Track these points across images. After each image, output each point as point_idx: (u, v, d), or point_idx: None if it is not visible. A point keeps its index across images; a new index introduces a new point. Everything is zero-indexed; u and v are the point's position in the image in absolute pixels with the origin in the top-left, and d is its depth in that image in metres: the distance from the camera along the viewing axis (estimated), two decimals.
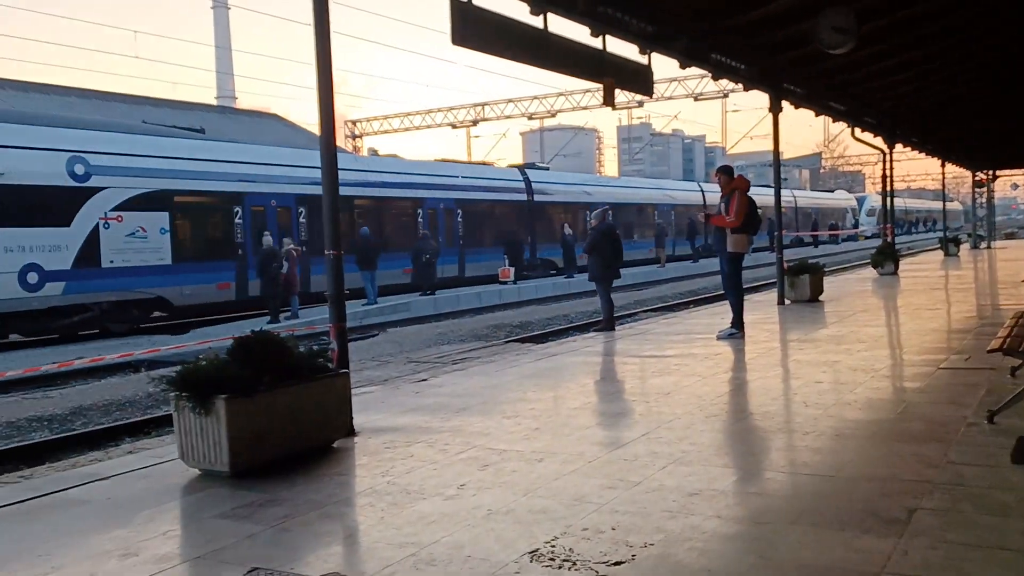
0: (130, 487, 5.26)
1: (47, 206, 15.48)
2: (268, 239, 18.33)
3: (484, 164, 33.65)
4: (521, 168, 32.70)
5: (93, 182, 16.26)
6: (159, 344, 15.03)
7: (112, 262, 16.39)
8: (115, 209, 16.55)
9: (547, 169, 35.54)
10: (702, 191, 43.33)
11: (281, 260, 18.10)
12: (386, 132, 45.01)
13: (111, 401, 10.48)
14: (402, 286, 23.33)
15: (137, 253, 16.75)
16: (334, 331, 6.37)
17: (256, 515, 4.51)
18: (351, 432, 6.25)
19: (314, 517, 4.48)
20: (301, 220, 20.83)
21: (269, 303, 18.17)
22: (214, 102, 66.01)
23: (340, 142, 42.05)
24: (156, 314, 18.65)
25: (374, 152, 43.11)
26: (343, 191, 26.92)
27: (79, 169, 16.13)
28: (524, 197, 30.35)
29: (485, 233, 28.51)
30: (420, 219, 25.24)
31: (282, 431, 5.56)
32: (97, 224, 16.28)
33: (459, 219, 27.09)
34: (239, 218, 19.10)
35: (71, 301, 15.74)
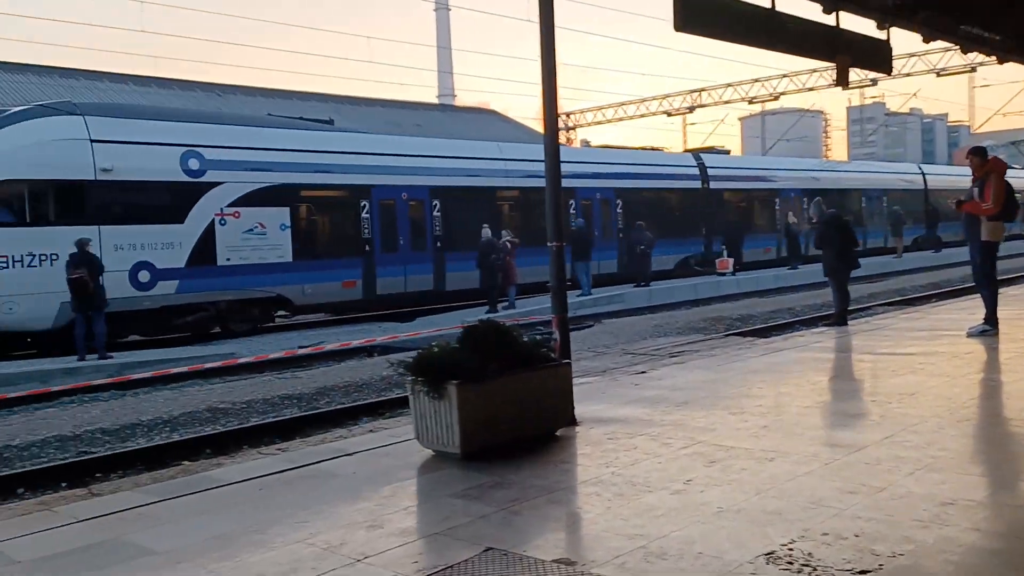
0: (373, 464, 5.63)
1: (159, 203, 15.12)
2: (487, 231, 18.97)
3: (654, 150, 31.05)
4: (695, 153, 30.34)
5: (208, 177, 15.63)
6: (390, 331, 16.04)
7: (228, 260, 15.72)
8: (231, 205, 15.83)
9: (726, 153, 33.30)
10: (923, 174, 39.05)
11: (499, 251, 18.68)
12: (599, 123, 45.14)
13: (350, 383, 11.30)
14: (601, 277, 22.63)
15: (255, 250, 15.93)
16: (556, 322, 6.47)
17: (486, 496, 4.68)
18: (573, 421, 6.33)
19: (542, 502, 4.58)
20: (435, 214, 19.40)
21: (488, 293, 18.84)
22: (435, 101, 69.31)
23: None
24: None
25: (586, 144, 43.43)
26: (497, 181, 22.08)
27: (194, 164, 15.51)
28: (698, 184, 27.62)
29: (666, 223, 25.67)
30: (573, 209, 22.90)
31: (508, 417, 5.73)
32: (212, 221, 15.62)
33: (619, 209, 24.71)
34: (366, 212, 17.92)
35: (184, 300, 15.15)
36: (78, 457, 7.88)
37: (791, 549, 3.63)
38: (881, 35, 9.78)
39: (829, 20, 8.97)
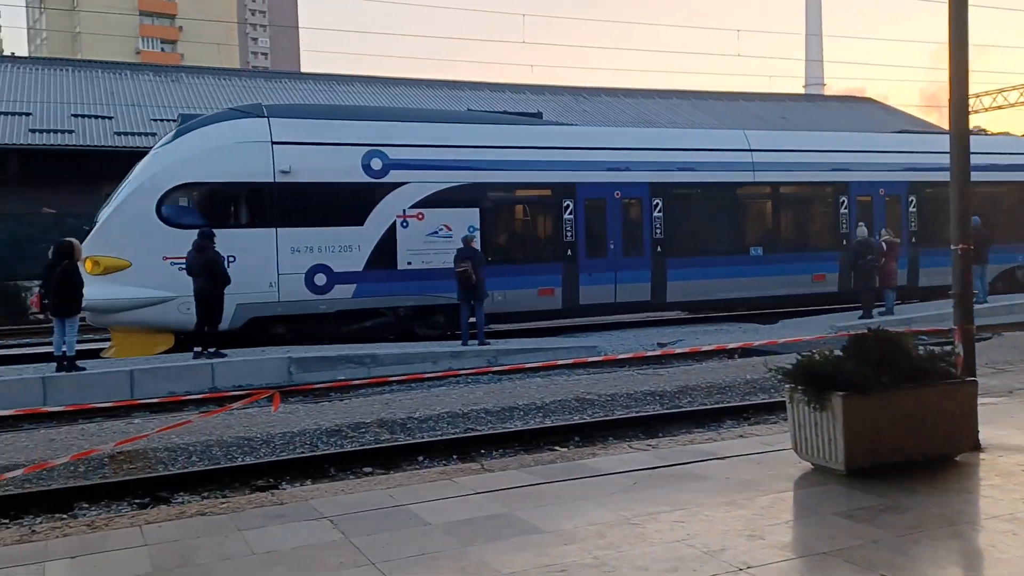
0: (745, 470, 5.49)
1: (338, 204, 14.69)
2: (863, 230, 17.60)
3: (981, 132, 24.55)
4: None
5: (390, 177, 15.00)
6: (751, 333, 15.59)
7: (410, 264, 14.98)
8: (415, 206, 15.05)
9: None
10: None
11: (876, 252, 17.25)
12: (999, 108, 39.73)
13: (712, 384, 11.17)
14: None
15: (439, 254, 14.92)
16: (960, 334, 5.79)
17: (878, 520, 4.32)
18: (976, 447, 5.63)
19: (943, 534, 4.12)
20: (656, 215, 17.15)
21: (862, 296, 17.48)
22: (801, 90, 66.06)
23: (938, 121, 38.46)
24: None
25: (981, 131, 38.38)
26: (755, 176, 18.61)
27: (376, 164, 14.93)
28: None
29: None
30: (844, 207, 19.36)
31: (898, 435, 5.25)
32: (394, 223, 14.92)
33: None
34: (569, 213, 16.47)
35: (361, 305, 14.55)
36: (466, 433, 8.73)
37: None
38: None
39: None
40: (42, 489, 6.92)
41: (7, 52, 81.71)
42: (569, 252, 16.38)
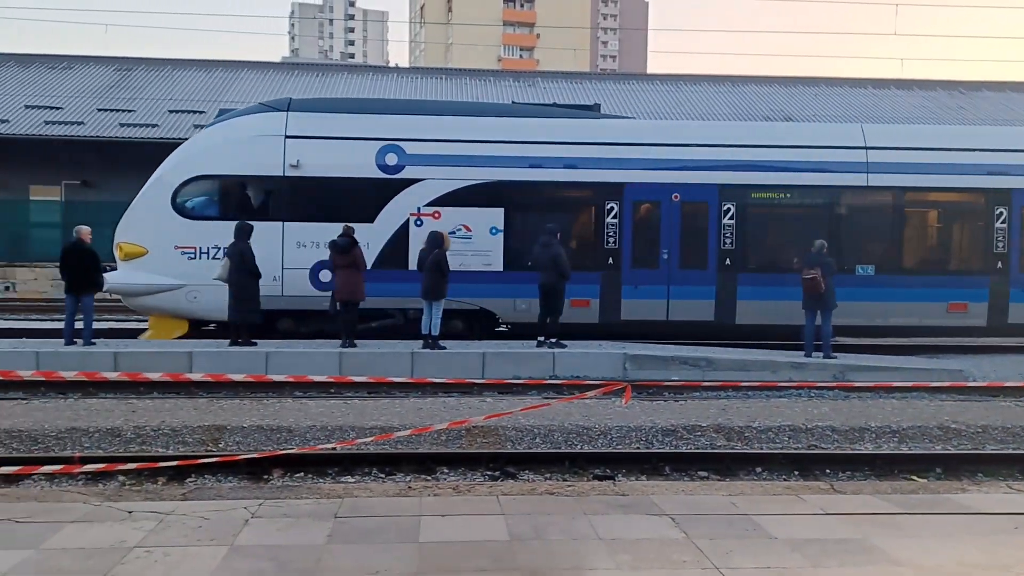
0: None
1: (347, 200, 14.18)
2: None
3: None
4: None
5: (405, 173, 14.34)
6: None
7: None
8: (430, 204, 14.31)
9: None
10: None
11: None
12: None
13: None
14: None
15: (457, 256, 13.90)
16: None
17: None
18: None
19: None
20: (727, 221, 14.82)
21: None
22: None
23: None
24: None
25: None
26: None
27: (391, 159, 14.36)
28: None
29: None
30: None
31: None
32: (407, 221, 14.28)
33: None
34: (613, 216, 14.70)
35: (368, 304, 13.71)
36: (810, 449, 8.29)
37: None
38: None
39: None
40: (412, 451, 7.77)
41: (392, 63, 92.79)
42: (611, 260, 14.74)
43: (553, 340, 12.96)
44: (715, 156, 15.04)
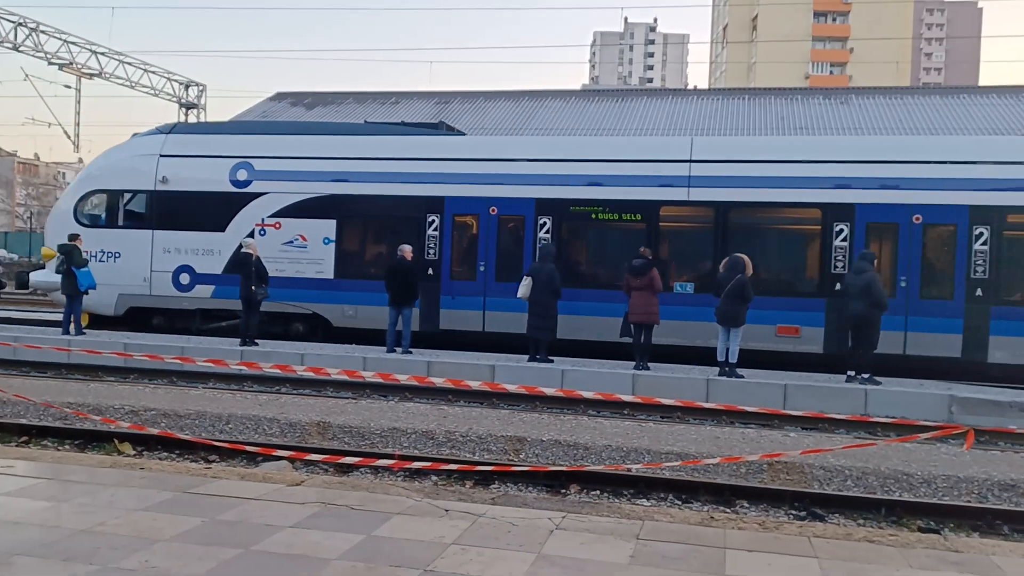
0: None
1: (205, 211, 15.69)
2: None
3: None
4: None
5: (253, 188, 15.61)
6: None
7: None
8: (273, 216, 15.49)
9: None
10: None
11: None
12: None
13: None
14: None
15: (293, 263, 15.32)
16: None
17: None
18: None
19: None
20: (543, 234, 14.62)
21: None
22: None
23: None
24: None
25: None
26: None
27: (241, 175, 15.71)
28: None
29: None
30: None
31: None
32: (253, 231, 15.48)
33: None
34: (434, 229, 15.10)
35: (219, 305, 15.48)
36: None
37: None
38: None
39: None
40: (710, 481, 7.55)
41: (691, 85, 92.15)
42: (431, 271, 15.12)
43: (866, 376, 12.00)
44: (532, 171, 15.05)
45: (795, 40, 71.17)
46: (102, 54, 30.31)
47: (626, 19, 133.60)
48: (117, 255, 15.95)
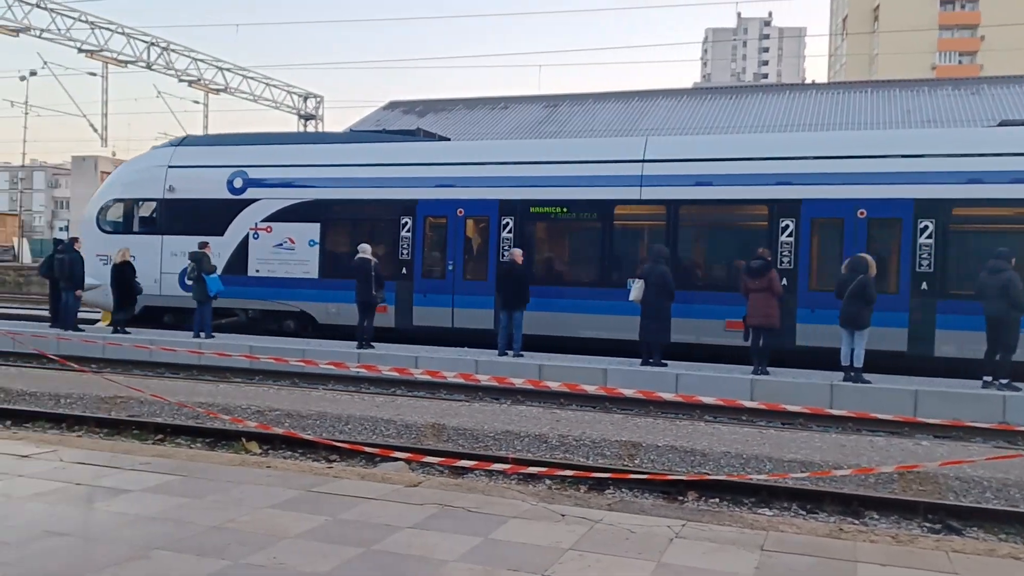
0: None
1: (206, 217, 16.80)
2: None
3: None
4: None
5: (247, 194, 16.80)
6: None
7: (258, 271, 16.61)
8: (265, 220, 16.63)
9: None
10: None
11: None
12: None
13: None
14: None
15: (283, 264, 16.40)
16: None
17: None
18: None
19: None
20: (506, 234, 15.19)
21: None
22: None
23: None
24: None
25: None
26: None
27: (237, 183, 16.89)
28: None
29: None
30: None
31: None
32: (247, 235, 16.70)
33: None
34: (407, 230, 15.92)
35: (219, 304, 16.07)
36: None
37: None
38: None
39: None
40: (836, 491, 7.22)
41: (808, 80, 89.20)
42: (405, 270, 15.88)
43: (1004, 381, 11.27)
44: (495, 173, 15.62)
45: (920, 29, 67.74)
46: (227, 70, 31.81)
47: (739, 14, 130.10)
48: (134, 259, 16.57)
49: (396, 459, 7.33)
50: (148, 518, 4.86)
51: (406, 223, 15.91)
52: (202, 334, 15.10)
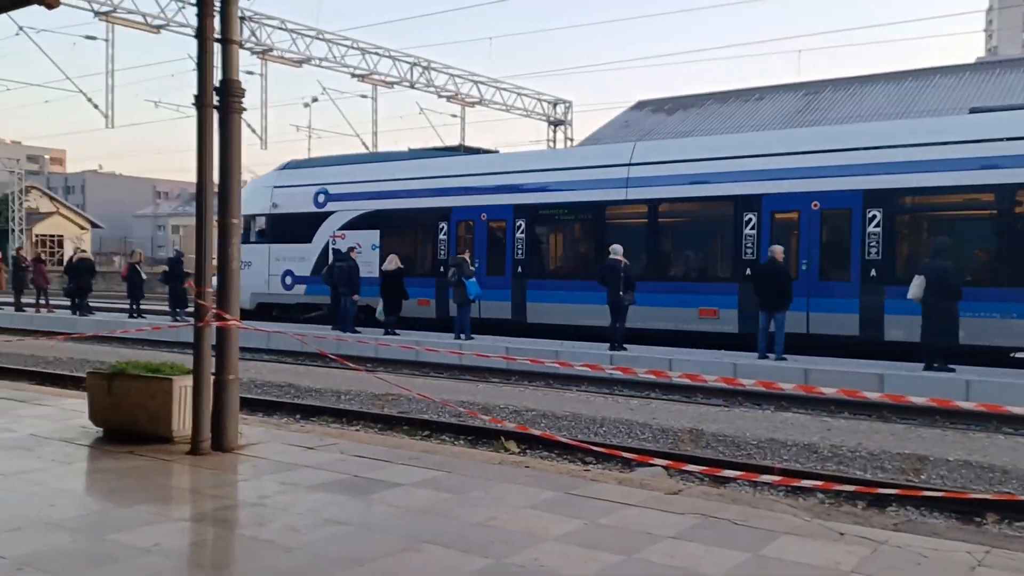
0: None
1: (299, 227, 20.20)
2: None
3: None
4: None
5: (327, 208, 19.95)
6: None
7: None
8: (340, 229, 19.61)
9: None
10: None
11: None
12: None
13: None
14: None
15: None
16: None
17: None
18: None
19: None
20: (519, 235, 17.65)
21: None
22: None
23: None
24: None
25: None
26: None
27: (320, 198, 20.10)
28: None
29: None
30: None
31: None
32: (328, 241, 19.67)
33: None
34: (443, 234, 18.44)
35: (309, 300, 19.89)
36: None
37: None
38: None
39: None
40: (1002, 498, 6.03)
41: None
42: (441, 268, 17.87)
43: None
44: (510, 182, 17.83)
45: None
46: (481, 83, 33.22)
47: None
48: (250, 264, 19.75)
49: (654, 465, 7.12)
50: (417, 511, 5.04)
51: (443, 227, 18.56)
52: (462, 336, 15.78)
